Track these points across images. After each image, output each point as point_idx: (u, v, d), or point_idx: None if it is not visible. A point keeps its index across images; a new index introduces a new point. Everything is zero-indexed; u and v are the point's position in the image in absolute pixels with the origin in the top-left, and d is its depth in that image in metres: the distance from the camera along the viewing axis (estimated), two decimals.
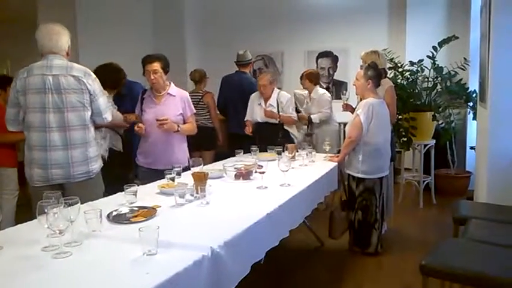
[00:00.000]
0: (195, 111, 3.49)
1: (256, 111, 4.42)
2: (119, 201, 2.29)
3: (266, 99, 4.38)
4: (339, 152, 3.80)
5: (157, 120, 3.18)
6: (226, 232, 1.81)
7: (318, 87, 4.99)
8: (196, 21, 7.11)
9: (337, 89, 6.65)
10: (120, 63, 4.10)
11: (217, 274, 1.65)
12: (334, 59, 6.78)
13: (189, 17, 6.97)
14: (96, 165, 2.80)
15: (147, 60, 3.25)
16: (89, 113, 2.72)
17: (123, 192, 2.33)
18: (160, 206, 2.22)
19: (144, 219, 2.02)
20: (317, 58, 6.85)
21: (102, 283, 1.41)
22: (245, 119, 4.49)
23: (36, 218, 1.66)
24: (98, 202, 2.31)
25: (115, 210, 2.11)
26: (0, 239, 1.71)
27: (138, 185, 2.43)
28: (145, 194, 2.47)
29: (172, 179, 2.67)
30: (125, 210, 2.13)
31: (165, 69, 3.25)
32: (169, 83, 3.35)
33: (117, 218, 2.03)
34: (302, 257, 3.64)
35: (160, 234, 1.61)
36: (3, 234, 1.77)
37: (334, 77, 6.80)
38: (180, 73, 5.66)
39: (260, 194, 2.57)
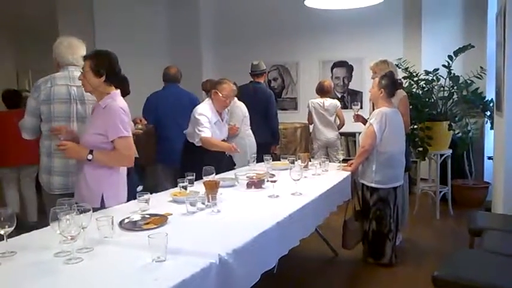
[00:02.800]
0: (127, 134, 2.39)
1: (220, 129, 3.56)
2: (131, 209, 2.33)
3: (221, 113, 3.60)
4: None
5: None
6: (236, 240, 1.82)
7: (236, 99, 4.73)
8: (212, 32, 7.21)
9: (352, 98, 6.64)
10: (137, 73, 4.21)
11: (225, 281, 1.66)
12: (349, 69, 6.77)
13: (205, 27, 7.07)
14: None
15: None
16: None
17: (136, 200, 2.37)
18: (171, 214, 2.24)
19: (156, 226, 2.04)
20: (332, 68, 6.86)
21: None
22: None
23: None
24: (111, 209, 2.35)
25: (127, 218, 2.14)
26: (14, 244, 1.75)
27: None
28: (158, 201, 2.50)
29: (185, 188, 2.70)
30: (137, 217, 2.16)
31: (99, 70, 2.39)
32: (114, 91, 2.48)
33: (129, 225, 2.06)
34: (315, 267, 3.61)
35: (170, 242, 1.63)
36: (17, 240, 1.81)
37: (349, 87, 6.79)
38: (196, 84, 5.74)
39: (271, 202, 2.57)
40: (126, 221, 2.11)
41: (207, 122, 3.31)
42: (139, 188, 2.82)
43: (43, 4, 6.07)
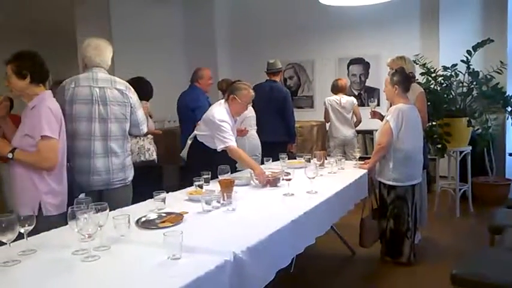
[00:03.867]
0: (50, 134, 2.31)
1: (233, 132, 3.38)
2: (148, 208, 2.36)
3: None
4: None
5: None
6: (250, 238, 1.83)
7: None
8: (227, 31, 7.23)
9: (369, 95, 6.57)
10: (153, 73, 4.26)
11: (239, 279, 1.67)
12: (366, 66, 6.71)
13: (220, 27, 7.10)
14: (131, 173, 2.93)
15: None
16: (128, 125, 2.84)
17: (153, 199, 2.39)
18: (187, 212, 2.26)
19: (171, 224, 2.06)
20: (348, 65, 6.80)
21: (127, 285, 1.46)
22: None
23: None
24: (129, 208, 2.38)
25: (144, 216, 2.17)
26: (34, 242, 1.79)
27: None
28: (174, 200, 2.53)
29: (201, 186, 2.72)
30: (153, 216, 2.19)
31: (21, 72, 2.34)
32: (44, 91, 2.43)
33: (146, 224, 2.09)
34: (332, 265, 3.59)
35: (186, 240, 1.65)
36: (37, 239, 1.86)
37: (366, 84, 6.72)
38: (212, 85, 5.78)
39: (286, 200, 2.57)
40: (143, 219, 2.14)
41: (230, 130, 3.23)
42: (82, 195, 2.83)
43: (62, 10, 6.19)
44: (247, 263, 1.70)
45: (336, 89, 5.39)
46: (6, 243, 1.61)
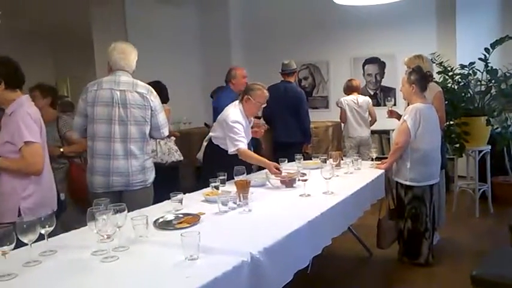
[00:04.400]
0: (32, 139, 2.27)
1: (247, 134, 3.40)
2: (165, 209, 2.37)
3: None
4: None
5: None
6: (267, 239, 1.82)
7: None
8: (241, 33, 7.24)
9: (385, 95, 6.51)
10: (169, 77, 4.30)
11: (257, 279, 1.67)
12: (381, 65, 6.65)
13: (234, 28, 7.13)
14: (152, 176, 2.95)
15: None
16: (149, 127, 2.87)
17: (170, 200, 2.41)
18: (204, 213, 2.27)
19: (189, 225, 2.08)
20: (363, 65, 6.75)
21: (145, 285, 1.47)
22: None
23: None
24: (146, 209, 2.40)
25: (161, 217, 2.18)
26: (54, 243, 1.82)
27: None
28: (191, 201, 2.54)
29: (217, 187, 2.73)
30: (170, 217, 2.21)
31: None
32: (21, 96, 2.39)
33: (163, 225, 2.11)
34: (350, 266, 3.57)
35: (203, 240, 1.65)
36: (57, 239, 1.89)
37: (382, 83, 6.66)
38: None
39: (302, 201, 2.56)
40: (160, 220, 2.15)
41: (242, 131, 3.23)
42: (62, 195, 2.86)
43: (79, 15, 6.31)
44: (264, 264, 1.70)
45: (351, 89, 5.38)
46: (27, 244, 1.64)
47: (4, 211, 2.30)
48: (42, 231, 1.71)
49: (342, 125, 5.57)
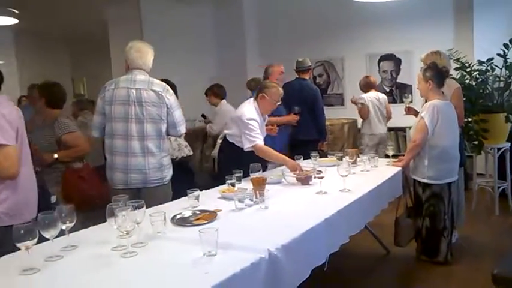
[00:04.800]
0: (4, 142, 2.06)
1: (262, 131, 3.38)
2: (182, 205, 2.39)
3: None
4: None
5: None
6: (284, 235, 1.82)
7: (224, 101, 5.18)
8: (256, 30, 7.26)
9: (401, 92, 6.44)
10: (184, 75, 4.33)
11: (274, 276, 1.67)
12: (397, 62, 6.59)
13: (248, 26, 7.14)
14: (169, 173, 2.97)
15: None
16: (165, 125, 2.89)
17: (187, 197, 2.43)
18: (221, 210, 2.28)
19: (206, 222, 2.09)
20: (379, 61, 6.69)
21: (164, 281, 1.48)
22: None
23: None
24: (164, 206, 2.42)
25: (179, 214, 2.20)
26: (76, 239, 1.85)
27: None
28: (207, 198, 2.55)
29: (233, 184, 2.73)
30: (188, 213, 2.22)
31: None
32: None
33: (181, 221, 2.12)
34: (367, 265, 3.54)
35: (220, 237, 1.66)
36: (78, 235, 1.92)
37: (398, 80, 6.60)
38: (240, 83, 5.80)
39: (319, 199, 2.55)
40: (178, 216, 2.17)
41: (258, 128, 3.23)
42: (53, 198, 2.80)
43: (95, 16, 6.38)
44: (282, 261, 1.70)
45: (369, 85, 5.34)
46: (49, 239, 1.66)
47: None
48: (63, 227, 1.74)
49: (360, 122, 5.50)
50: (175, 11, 6.27)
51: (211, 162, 5.16)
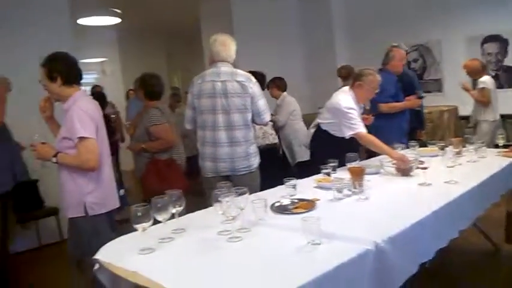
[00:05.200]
0: (86, 135, 2.26)
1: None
2: (279, 194, 2.40)
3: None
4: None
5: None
6: (390, 227, 1.74)
7: (285, 93, 5.05)
8: (345, 16, 7.02)
9: (509, 76, 5.85)
10: (273, 66, 4.36)
11: (381, 269, 1.61)
12: (503, 44, 5.97)
13: (337, 11, 6.94)
14: (256, 161, 3.04)
15: None
16: (250, 114, 2.96)
17: (284, 185, 2.43)
18: (319, 199, 2.25)
19: (305, 210, 2.08)
20: (482, 43, 6.12)
21: (270, 266, 1.50)
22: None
23: (209, 205, 1.88)
24: (260, 194, 2.46)
25: (277, 202, 2.22)
26: (183, 222, 1.95)
27: None
28: (304, 187, 2.54)
29: (328, 174, 2.69)
30: (286, 201, 2.23)
31: (52, 76, 2.34)
32: (77, 92, 2.40)
33: (280, 209, 2.14)
34: (474, 262, 3.28)
35: (322, 226, 1.63)
36: (185, 219, 2.01)
37: (504, 63, 5.99)
38: (330, 71, 5.70)
39: (423, 190, 2.40)
40: (277, 204, 2.19)
41: (357, 116, 3.14)
42: (122, 192, 2.87)
43: (189, 12, 6.66)
44: (389, 254, 1.63)
45: (484, 69, 4.98)
46: (161, 222, 1.77)
47: (69, 206, 2.37)
48: (173, 211, 1.84)
49: (476, 108, 5.04)
50: (263, 5, 6.32)
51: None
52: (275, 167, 4.23)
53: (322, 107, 3.53)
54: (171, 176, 3.36)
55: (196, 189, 3.30)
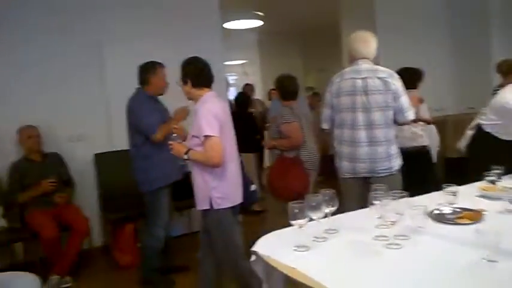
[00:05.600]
0: (211, 133, 2.42)
1: None
2: (436, 200, 2.19)
3: None
4: None
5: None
6: None
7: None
8: (500, 1, 6.14)
9: None
10: (418, 65, 4.08)
11: None
12: None
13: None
14: (397, 162, 2.85)
15: None
16: (392, 113, 2.79)
17: (441, 191, 2.22)
18: (486, 210, 2.00)
19: (471, 222, 1.86)
20: None
21: (440, 282, 1.36)
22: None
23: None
24: (415, 199, 2.28)
25: (436, 209, 2.03)
26: (336, 223, 1.89)
27: None
28: (464, 195, 2.28)
29: (493, 182, 2.38)
30: (446, 210, 2.03)
31: (184, 79, 2.59)
32: (206, 93, 2.61)
33: (440, 217, 1.95)
34: None
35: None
36: (338, 219, 1.95)
37: None
38: (482, 66, 5.09)
39: None
40: (436, 212, 2.00)
41: None
42: (253, 187, 2.85)
43: (329, 8, 6.57)
44: None
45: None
46: (315, 220, 1.74)
47: (200, 200, 2.59)
48: (326, 210, 1.80)
49: None
50: (406, 1, 5.91)
51: None
52: (421, 172, 3.92)
53: (473, 107, 3.17)
54: (293, 174, 3.38)
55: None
